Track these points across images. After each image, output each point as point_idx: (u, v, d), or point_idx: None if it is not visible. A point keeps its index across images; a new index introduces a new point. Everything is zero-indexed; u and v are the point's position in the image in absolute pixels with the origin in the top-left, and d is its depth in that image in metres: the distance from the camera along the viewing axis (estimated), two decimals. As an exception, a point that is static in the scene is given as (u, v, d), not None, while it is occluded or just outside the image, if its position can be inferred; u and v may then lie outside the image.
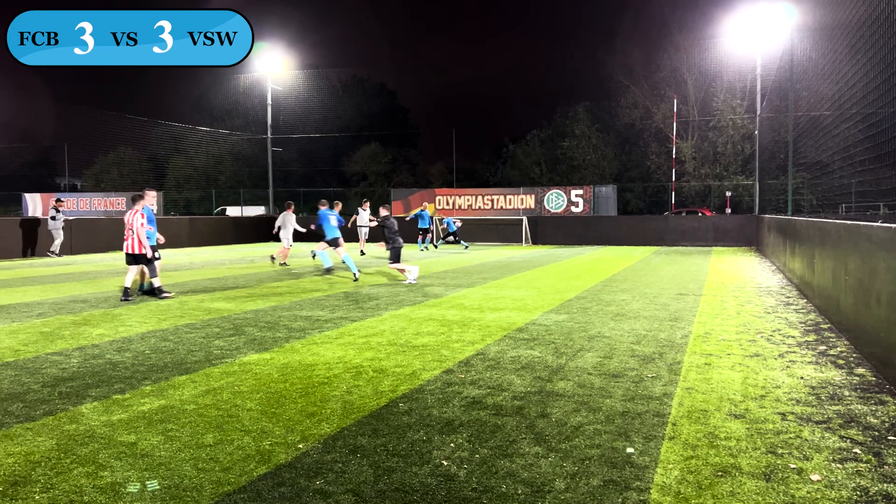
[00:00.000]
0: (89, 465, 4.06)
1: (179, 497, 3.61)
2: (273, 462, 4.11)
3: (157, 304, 10.95)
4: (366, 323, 9.15)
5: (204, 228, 32.32)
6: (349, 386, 5.87)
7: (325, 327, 8.80)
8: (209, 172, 55.76)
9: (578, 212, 32.95)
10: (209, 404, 5.31)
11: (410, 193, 37.60)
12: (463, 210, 34.37)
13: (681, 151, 43.20)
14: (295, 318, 9.59)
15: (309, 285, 13.85)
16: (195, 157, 54.79)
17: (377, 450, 4.32)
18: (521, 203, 34.11)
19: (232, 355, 7.11)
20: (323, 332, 8.49)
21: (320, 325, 9.00)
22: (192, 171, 55.43)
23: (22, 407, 5.25)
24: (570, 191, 33.70)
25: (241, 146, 55.58)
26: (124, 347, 7.53)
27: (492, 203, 34.82)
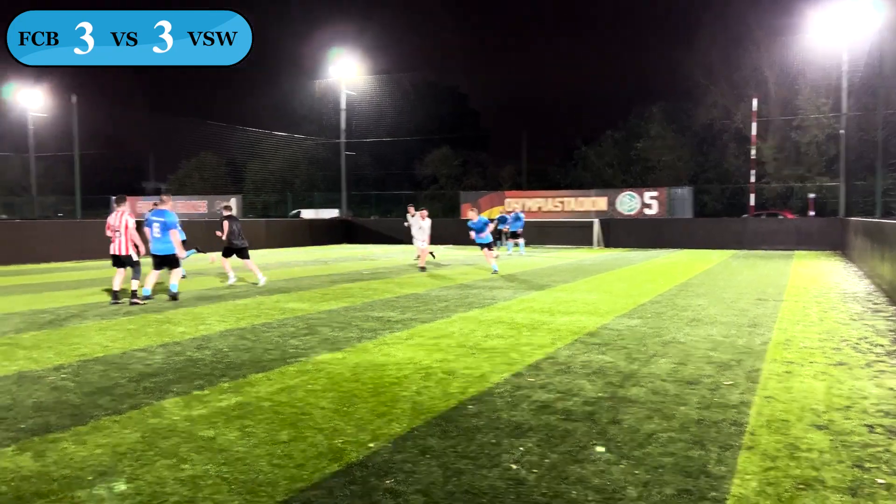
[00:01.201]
0: (171, 457, 4.23)
1: (255, 492, 3.72)
2: (344, 460, 4.18)
3: (235, 304, 11.31)
4: (435, 324, 9.20)
5: (280, 231, 33.21)
6: (419, 387, 5.91)
7: (396, 328, 8.90)
8: (285, 176, 57.24)
9: (652, 214, 32.24)
10: (284, 402, 5.45)
11: (480, 196, 37.61)
12: (533, 212, 34.13)
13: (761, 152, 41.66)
14: (367, 318, 9.73)
15: (380, 286, 14.04)
16: (272, 162, 56.36)
17: (446, 451, 4.34)
18: (593, 205, 33.62)
19: (306, 354, 7.27)
20: (393, 332, 8.58)
21: (391, 325, 9.11)
22: (268, 175, 57.04)
23: (110, 400, 5.51)
24: (643, 193, 33.01)
25: (316, 150, 56.80)
26: (204, 345, 7.81)
27: (562, 205, 34.46)
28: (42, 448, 4.38)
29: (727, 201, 42.74)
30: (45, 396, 5.62)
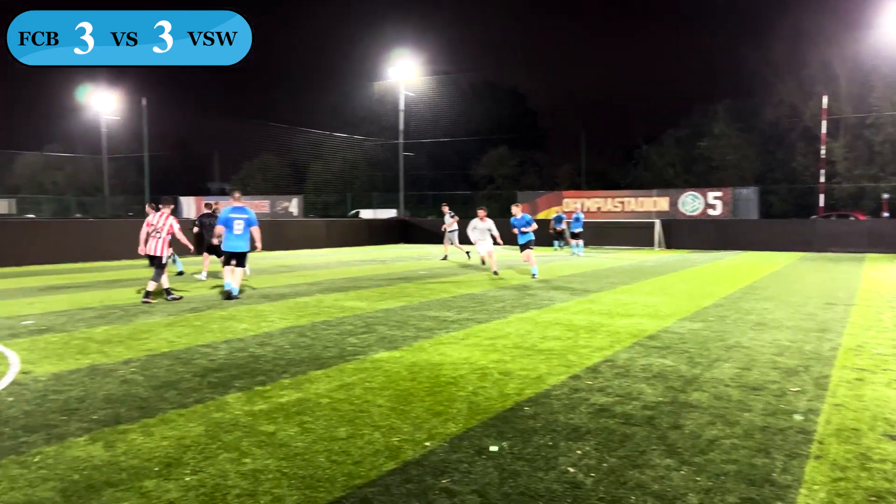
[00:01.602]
0: (233, 451, 4.34)
1: (313, 487, 3.78)
2: (401, 458, 4.21)
3: (295, 302, 11.52)
4: (491, 325, 9.18)
5: (339, 230, 33.70)
6: (475, 387, 5.91)
7: (452, 328, 8.92)
8: (345, 177, 58.07)
9: (716, 215, 31.44)
10: (342, 399, 5.53)
11: (537, 196, 37.38)
12: (592, 213, 33.71)
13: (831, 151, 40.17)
14: (423, 317, 9.78)
15: (437, 286, 14.09)
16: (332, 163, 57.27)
17: (502, 452, 4.32)
18: (654, 206, 33.01)
19: (364, 352, 7.36)
20: (450, 332, 8.60)
21: (447, 325, 9.13)
22: (329, 176, 57.97)
23: (176, 394, 5.69)
24: (707, 193, 32.23)
25: (375, 151, 57.46)
26: (266, 342, 7.98)
27: (622, 206, 33.94)
28: (112, 439, 4.55)
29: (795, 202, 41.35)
30: (115, 389, 5.83)
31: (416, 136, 48.21)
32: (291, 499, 3.63)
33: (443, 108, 51.77)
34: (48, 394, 5.66)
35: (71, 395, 5.61)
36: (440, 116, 52.07)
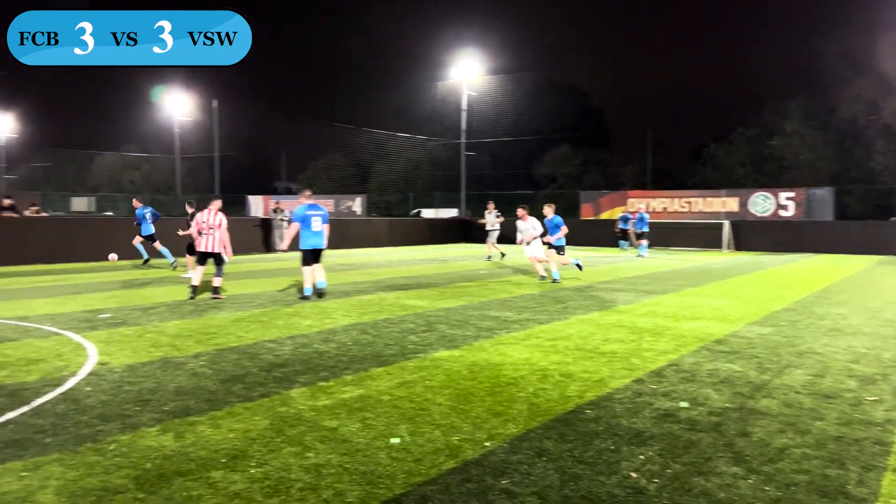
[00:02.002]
0: (297, 445, 4.42)
1: (374, 483, 3.83)
2: (461, 457, 4.22)
3: (358, 299, 11.68)
4: (552, 326, 9.10)
5: (401, 229, 34.01)
6: (535, 388, 5.87)
7: (513, 328, 8.88)
8: (407, 176, 58.55)
9: (788, 216, 30.35)
10: (403, 396, 5.57)
11: (601, 195, 36.85)
12: (657, 213, 33.03)
13: (914, 149, 38.27)
14: (483, 317, 9.77)
15: (497, 286, 14.06)
16: (395, 163, 57.82)
17: (563, 455, 4.28)
18: (723, 206, 32.10)
19: (424, 350, 7.40)
20: (510, 332, 8.57)
21: (507, 325, 9.09)
22: (392, 176, 58.55)
23: (242, 388, 5.84)
24: (778, 193, 31.16)
25: (437, 151, 57.72)
26: (329, 338, 8.11)
27: (689, 206, 33.13)
28: (182, 430, 4.71)
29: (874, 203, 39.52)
30: (185, 382, 6.03)
31: (479, 136, 48.22)
32: (353, 494, 3.68)
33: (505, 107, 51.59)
34: (123, 385, 5.90)
35: (144, 387, 5.83)
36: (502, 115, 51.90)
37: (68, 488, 3.70)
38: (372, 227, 33.37)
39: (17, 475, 3.87)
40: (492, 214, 22.86)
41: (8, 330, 8.53)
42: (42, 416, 4.96)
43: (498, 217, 22.77)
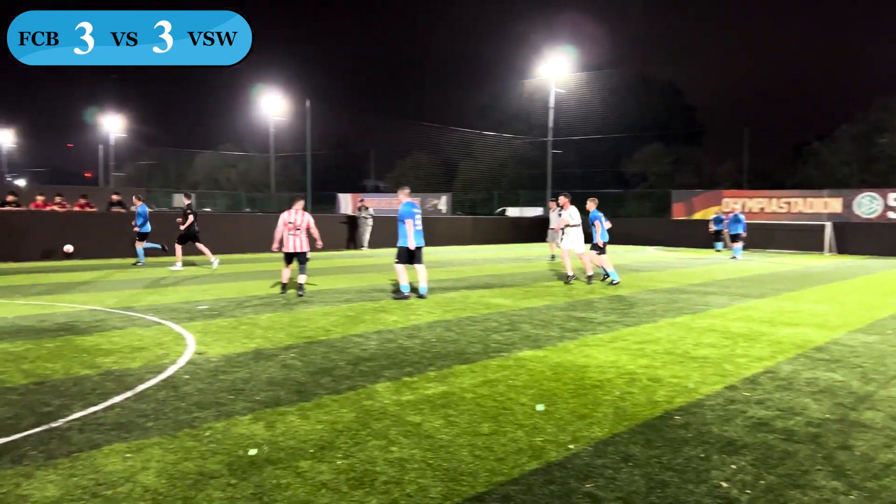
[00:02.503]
0: (381, 439, 4.50)
1: (457, 480, 3.84)
2: (544, 459, 4.18)
3: (443, 297, 11.76)
4: (641, 329, 8.89)
5: (486, 228, 34.04)
6: (622, 392, 5.75)
7: (599, 330, 8.72)
8: (493, 175, 58.52)
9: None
10: (486, 395, 5.57)
11: (693, 195, 35.72)
12: (754, 213, 31.70)
13: None
14: (569, 318, 9.65)
15: (582, 286, 13.85)
16: (481, 161, 57.88)
17: (650, 461, 4.18)
18: (825, 207, 30.51)
19: (508, 350, 7.37)
20: (596, 334, 8.42)
21: (593, 327, 8.95)
22: (477, 174, 58.66)
23: (330, 381, 5.99)
24: (887, 194, 29.32)
25: (523, 149, 57.41)
26: (414, 334, 8.21)
27: (788, 206, 31.66)
28: (273, 419, 4.87)
29: None
30: (276, 373, 6.24)
31: (566, 134, 47.60)
32: (435, 490, 3.71)
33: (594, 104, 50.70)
34: (218, 374, 6.16)
35: (238, 376, 6.06)
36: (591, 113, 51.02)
37: (167, 471, 3.89)
38: (456, 226, 33.53)
39: (122, 456, 4.10)
40: (554, 212, 22.34)
41: (115, 319, 9.05)
42: (144, 402, 5.24)
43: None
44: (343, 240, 26.85)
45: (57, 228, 19.55)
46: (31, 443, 4.29)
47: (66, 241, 18.91)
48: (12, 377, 5.90)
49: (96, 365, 6.39)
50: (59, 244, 18.84)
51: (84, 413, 4.91)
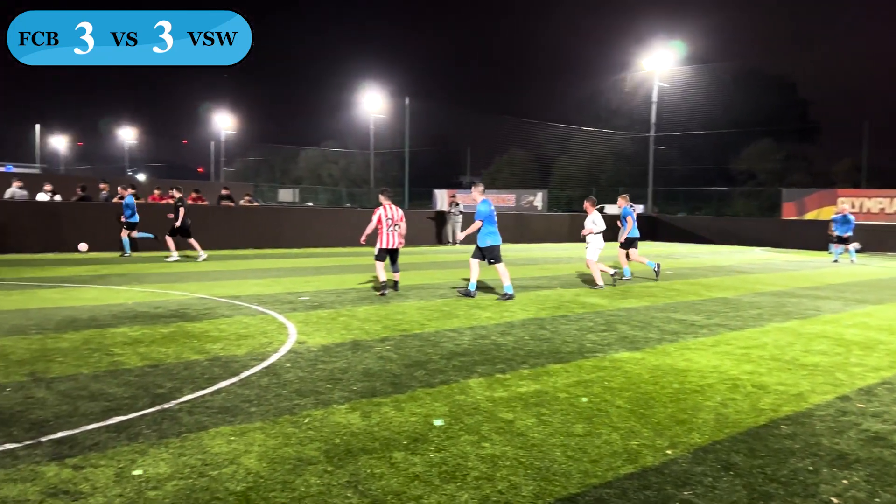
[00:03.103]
0: (474, 434, 4.51)
1: (549, 479, 3.81)
2: (640, 463, 4.08)
3: (537, 294, 11.67)
4: (745, 333, 8.51)
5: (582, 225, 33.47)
6: (724, 398, 5.52)
7: (701, 333, 8.42)
8: (591, 172, 57.53)
9: None
10: (580, 395, 5.49)
11: (805, 194, 33.90)
12: (873, 214, 29.70)
13: None
14: (668, 319, 9.36)
15: (684, 287, 13.40)
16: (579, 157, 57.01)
17: (753, 471, 3.99)
18: (954, 208, 28.20)
19: (603, 350, 7.23)
20: (697, 337, 8.13)
21: (695, 329, 8.64)
22: (575, 171, 57.81)
23: (424, 374, 6.06)
24: None
25: (624, 145, 56.14)
26: (507, 331, 8.19)
27: (912, 207, 29.46)
28: (368, 410, 4.98)
29: None
30: (372, 364, 6.37)
31: (669, 129, 46.14)
32: (527, 488, 3.68)
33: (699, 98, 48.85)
34: (317, 363, 6.35)
35: (336, 366, 6.24)
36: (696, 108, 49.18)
37: (268, 455, 4.05)
38: (552, 223, 33.19)
39: (226, 438, 4.30)
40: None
41: (224, 307, 9.51)
42: (248, 388, 5.48)
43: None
44: (432, 235, 27.06)
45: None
46: (146, 422, 4.57)
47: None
48: (130, 359, 6.31)
49: (205, 350, 6.73)
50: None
51: (193, 396, 5.18)
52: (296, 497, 3.50)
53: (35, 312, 8.65)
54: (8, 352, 6.45)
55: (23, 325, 7.73)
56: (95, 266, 14.78)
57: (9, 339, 7.02)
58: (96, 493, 3.46)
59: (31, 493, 3.43)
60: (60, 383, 5.43)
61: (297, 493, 3.55)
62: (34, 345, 6.77)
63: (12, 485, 3.52)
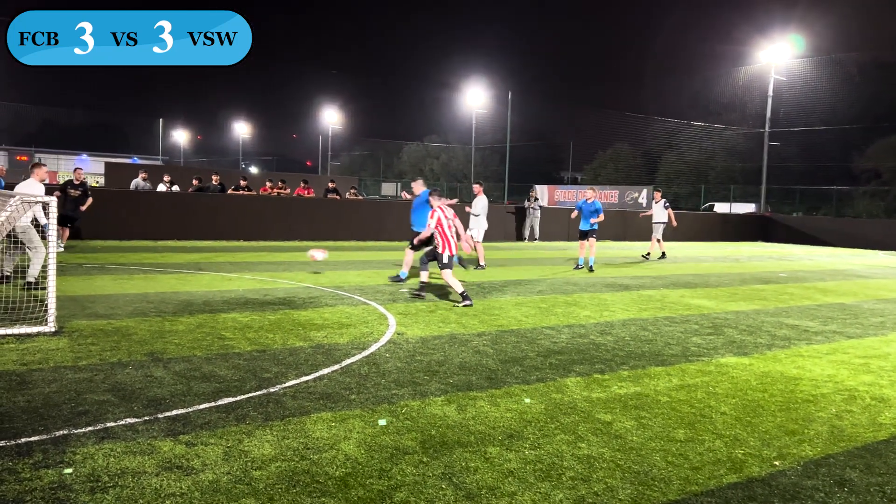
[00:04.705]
0: (569, 433, 4.46)
1: (647, 484, 3.71)
2: (745, 473, 3.91)
3: (639, 294, 11.37)
4: (866, 342, 7.98)
5: (690, 224, 32.29)
6: (839, 410, 5.20)
7: (815, 340, 7.96)
8: (700, 168, 55.46)
9: None
10: (682, 400, 5.31)
11: (940, 195, 31.26)
12: None
13: None
14: (780, 325, 8.90)
15: (797, 291, 12.70)
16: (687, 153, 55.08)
17: (870, 489, 3.75)
18: None
19: (709, 354, 6.97)
20: (811, 344, 7.69)
21: (808, 336, 8.18)
22: (682, 167, 55.91)
23: (520, 370, 6.04)
24: None
25: (736, 141, 53.76)
26: (607, 331, 8.03)
27: None
28: (464, 403, 5.01)
29: None
30: (469, 358, 6.41)
31: (786, 125, 43.79)
32: (624, 492, 3.61)
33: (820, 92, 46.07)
34: (416, 354, 6.45)
35: (433, 359, 6.31)
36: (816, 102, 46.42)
37: (367, 442, 4.16)
38: (658, 220, 32.16)
39: (327, 424, 4.44)
40: (659, 205, 19.65)
41: (328, 297, 9.81)
42: (349, 375, 5.63)
43: (666, 208, 19.56)
44: (512, 230, 26.58)
45: (284, 212, 21.54)
46: (252, 404, 4.79)
47: (293, 223, 20.86)
48: (239, 344, 6.62)
49: (309, 338, 6.98)
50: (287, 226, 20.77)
51: (297, 381, 5.38)
52: (392, 485, 3.57)
53: (154, 296, 9.23)
54: (130, 332, 6.91)
55: (143, 308, 8.26)
56: (209, 254, 15.59)
57: (132, 320, 7.53)
58: (206, 470, 3.66)
59: (149, 466, 3.67)
60: (176, 364, 5.77)
61: (394, 481, 3.62)
62: (153, 326, 7.23)
63: (132, 457, 3.77)
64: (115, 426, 4.23)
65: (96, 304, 8.30)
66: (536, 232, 26.08)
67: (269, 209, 21.54)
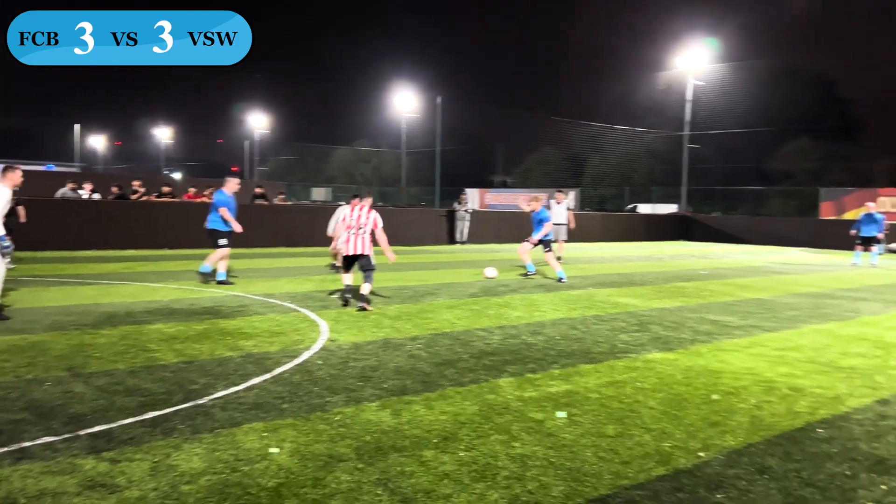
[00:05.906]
0: (503, 433, 4.50)
1: (579, 480, 3.79)
2: (672, 465, 4.03)
3: (568, 294, 11.60)
4: (781, 335, 8.36)
5: (614, 225, 33.18)
6: (759, 400, 5.44)
7: (735, 334, 8.29)
8: (623, 170, 57.02)
9: None
10: (611, 396, 5.45)
11: (845, 193, 33.20)
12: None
13: None
14: (701, 320, 9.24)
15: (718, 288, 13.21)
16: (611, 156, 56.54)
17: (788, 475, 3.93)
18: None
19: (636, 351, 7.17)
20: (731, 338, 8.01)
21: (729, 331, 8.51)
22: (607, 169, 57.36)
23: (454, 373, 6.07)
24: None
25: (657, 144, 55.53)
26: (538, 331, 8.15)
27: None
28: (399, 407, 5.00)
29: None
30: (403, 362, 6.40)
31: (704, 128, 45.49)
32: (557, 488, 3.67)
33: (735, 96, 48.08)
34: (349, 360, 6.40)
35: (367, 364, 6.27)
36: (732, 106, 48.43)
37: (300, 451, 4.09)
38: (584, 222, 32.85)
39: (259, 434, 4.35)
40: (561, 206, 19.86)
41: (257, 305, 9.62)
42: (280, 384, 5.54)
43: (568, 209, 20.05)
44: (443, 233, 26.73)
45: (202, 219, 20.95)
46: (180, 417, 4.64)
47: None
48: (165, 355, 6.42)
49: (238, 347, 6.82)
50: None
51: (226, 392, 5.26)
52: (326, 494, 3.52)
53: (73, 308, 8.85)
54: (48, 347, 6.61)
55: (62, 321, 7.91)
56: (131, 263, 15.06)
57: (49, 334, 7.19)
58: (132, 487, 3.53)
59: (70, 486, 3.51)
60: (98, 378, 5.55)
61: (328, 489, 3.58)
62: (73, 340, 6.93)
63: (51, 477, 3.61)
64: (32, 445, 4.04)
65: (10, 319, 7.89)
66: (465, 235, 26.20)
67: (194, 216, 20.94)
